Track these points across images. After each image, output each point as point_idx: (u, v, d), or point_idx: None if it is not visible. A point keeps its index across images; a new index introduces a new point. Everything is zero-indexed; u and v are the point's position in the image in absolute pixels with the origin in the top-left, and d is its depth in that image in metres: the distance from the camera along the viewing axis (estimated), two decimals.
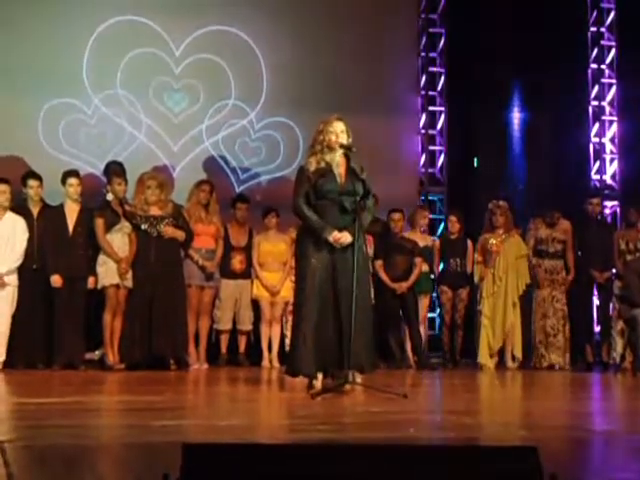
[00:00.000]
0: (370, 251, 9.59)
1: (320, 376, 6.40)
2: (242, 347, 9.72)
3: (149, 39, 10.80)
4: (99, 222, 8.81)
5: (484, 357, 9.90)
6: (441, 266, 10.52)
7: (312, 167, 6.44)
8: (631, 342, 9.53)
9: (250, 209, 9.89)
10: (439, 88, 12.32)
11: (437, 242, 10.66)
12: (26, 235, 8.63)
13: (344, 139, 6.44)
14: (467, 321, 10.36)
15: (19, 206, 8.89)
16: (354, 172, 6.44)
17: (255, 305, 9.76)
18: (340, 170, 6.47)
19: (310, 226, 6.41)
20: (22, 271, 8.64)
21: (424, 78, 12.23)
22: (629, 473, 3.30)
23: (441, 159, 12.29)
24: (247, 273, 9.73)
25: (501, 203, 10.07)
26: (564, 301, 10.03)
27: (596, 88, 12.61)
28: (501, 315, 9.91)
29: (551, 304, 10.00)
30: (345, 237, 6.29)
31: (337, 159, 6.46)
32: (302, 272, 6.42)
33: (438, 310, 11.08)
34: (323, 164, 6.43)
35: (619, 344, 9.96)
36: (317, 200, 6.42)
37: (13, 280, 8.57)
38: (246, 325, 9.72)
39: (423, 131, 12.20)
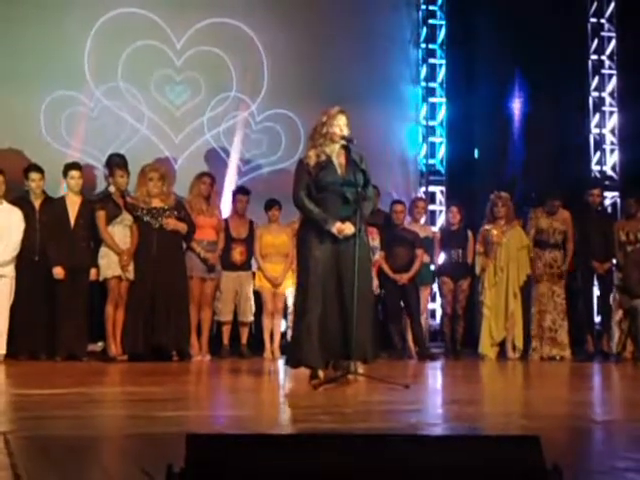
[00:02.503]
0: (376, 243, 9.61)
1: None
2: (244, 339, 9.74)
3: (150, 31, 10.80)
4: (101, 214, 8.82)
5: (485, 347, 9.91)
6: (442, 257, 10.52)
7: (312, 161, 6.43)
8: (632, 332, 9.54)
9: (250, 201, 9.89)
10: (439, 79, 12.32)
11: (438, 233, 10.67)
12: (22, 226, 8.61)
13: (346, 132, 6.45)
14: (468, 312, 10.37)
15: (21, 198, 8.90)
16: (354, 162, 6.45)
17: (257, 297, 9.78)
18: (340, 161, 6.47)
19: (312, 218, 6.41)
20: (24, 263, 8.66)
21: (424, 69, 12.22)
22: (630, 462, 3.31)
23: (442, 150, 12.29)
24: (247, 265, 9.75)
25: (502, 194, 10.08)
26: (564, 295, 10.03)
27: (596, 79, 12.60)
28: (503, 306, 9.93)
29: (551, 299, 9.99)
30: (348, 228, 6.30)
31: (337, 150, 6.48)
32: (305, 263, 6.42)
33: (439, 301, 11.09)
34: (323, 157, 6.43)
35: (617, 334, 9.98)
36: (318, 192, 6.42)
37: (10, 271, 8.57)
38: (247, 317, 9.73)
39: (423, 122, 12.20)
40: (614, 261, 10.15)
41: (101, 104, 10.64)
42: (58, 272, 8.67)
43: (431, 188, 12.23)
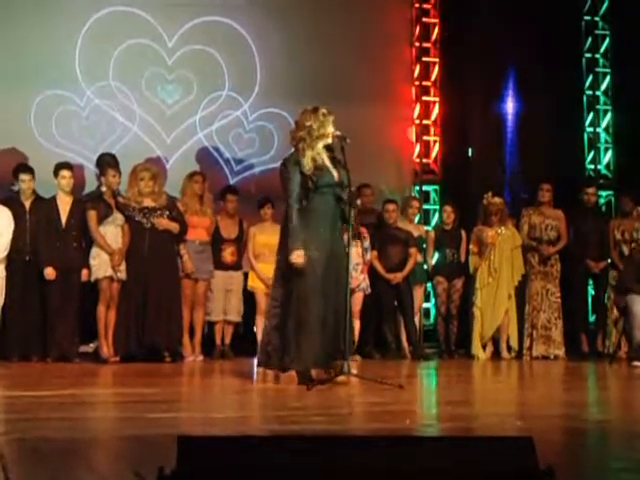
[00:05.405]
0: (367, 242, 9.61)
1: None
2: (228, 339, 9.63)
3: (142, 30, 10.75)
4: (92, 214, 8.77)
5: (477, 348, 9.90)
6: (436, 257, 10.50)
7: (309, 165, 6.42)
8: (626, 331, 9.53)
9: (241, 200, 9.85)
10: (433, 78, 12.29)
11: (431, 232, 10.64)
12: (11, 226, 8.53)
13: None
14: (462, 311, 10.34)
15: (11, 198, 8.86)
16: (339, 162, 6.46)
17: (250, 297, 9.74)
18: (329, 162, 6.50)
19: (290, 227, 6.45)
20: (15, 264, 8.60)
21: (418, 68, 12.19)
22: (624, 462, 3.30)
23: (435, 149, 12.26)
24: (238, 265, 9.72)
25: (495, 200, 10.00)
26: (558, 294, 10.01)
27: (590, 77, 12.58)
28: (494, 306, 9.90)
29: (546, 297, 9.98)
30: (299, 258, 6.35)
31: (323, 150, 6.50)
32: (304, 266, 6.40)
33: (433, 300, 11.07)
34: (320, 160, 6.45)
35: (613, 334, 9.97)
36: (314, 194, 6.46)
37: (0, 272, 8.52)
38: (234, 316, 9.67)
39: (417, 121, 12.17)
40: (609, 260, 10.14)
41: (92, 103, 10.59)
42: (49, 273, 8.62)
43: (425, 187, 12.20)
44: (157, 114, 10.82)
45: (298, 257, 6.36)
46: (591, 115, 12.56)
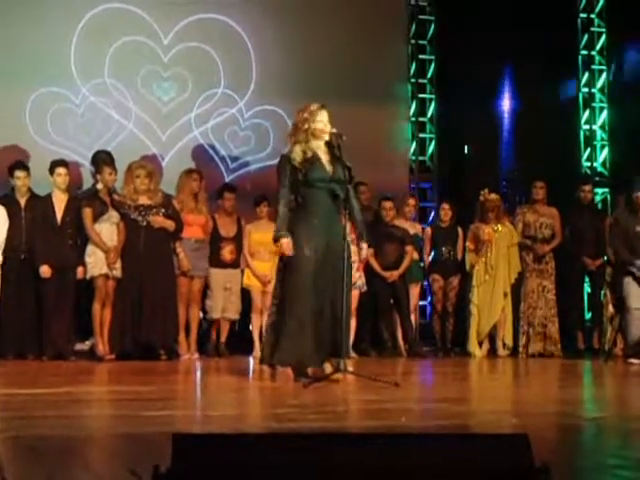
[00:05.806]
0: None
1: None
2: (223, 337, 9.62)
3: (137, 27, 10.75)
4: (87, 212, 8.75)
5: (473, 346, 9.90)
6: (432, 254, 10.49)
7: (299, 157, 6.46)
8: (622, 329, 9.52)
9: (236, 198, 9.84)
10: (429, 76, 12.29)
11: (427, 230, 10.64)
12: (6, 224, 8.50)
13: (328, 127, 6.50)
14: (458, 309, 10.34)
15: (6, 196, 8.85)
16: (338, 159, 6.46)
17: (246, 294, 9.74)
18: (326, 157, 6.50)
19: (277, 219, 6.56)
20: (11, 262, 8.58)
21: (414, 66, 12.20)
22: (619, 460, 3.30)
23: (431, 147, 12.26)
24: (237, 263, 9.71)
25: (492, 197, 10.00)
26: (554, 291, 10.00)
27: (586, 75, 12.59)
28: (491, 304, 9.90)
29: (542, 295, 9.97)
30: (287, 249, 6.40)
31: (322, 147, 6.50)
32: (295, 262, 6.41)
33: (429, 298, 11.07)
34: (309, 153, 6.46)
35: (609, 331, 9.96)
36: (307, 188, 6.46)
37: None
38: (231, 314, 9.66)
39: (413, 119, 12.18)
40: (605, 257, 10.13)
41: (88, 101, 10.58)
42: (44, 271, 8.60)
43: (421, 185, 12.20)
44: (153, 111, 10.82)
45: (284, 246, 6.41)
46: (587, 112, 12.56)
